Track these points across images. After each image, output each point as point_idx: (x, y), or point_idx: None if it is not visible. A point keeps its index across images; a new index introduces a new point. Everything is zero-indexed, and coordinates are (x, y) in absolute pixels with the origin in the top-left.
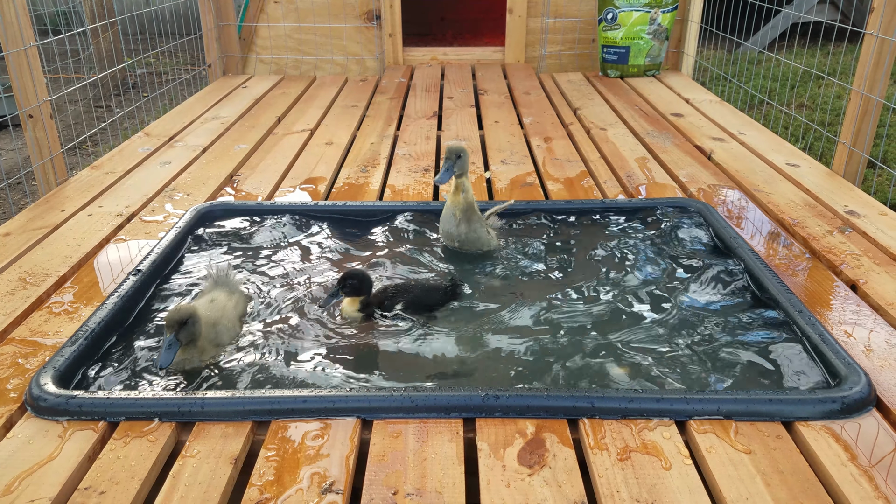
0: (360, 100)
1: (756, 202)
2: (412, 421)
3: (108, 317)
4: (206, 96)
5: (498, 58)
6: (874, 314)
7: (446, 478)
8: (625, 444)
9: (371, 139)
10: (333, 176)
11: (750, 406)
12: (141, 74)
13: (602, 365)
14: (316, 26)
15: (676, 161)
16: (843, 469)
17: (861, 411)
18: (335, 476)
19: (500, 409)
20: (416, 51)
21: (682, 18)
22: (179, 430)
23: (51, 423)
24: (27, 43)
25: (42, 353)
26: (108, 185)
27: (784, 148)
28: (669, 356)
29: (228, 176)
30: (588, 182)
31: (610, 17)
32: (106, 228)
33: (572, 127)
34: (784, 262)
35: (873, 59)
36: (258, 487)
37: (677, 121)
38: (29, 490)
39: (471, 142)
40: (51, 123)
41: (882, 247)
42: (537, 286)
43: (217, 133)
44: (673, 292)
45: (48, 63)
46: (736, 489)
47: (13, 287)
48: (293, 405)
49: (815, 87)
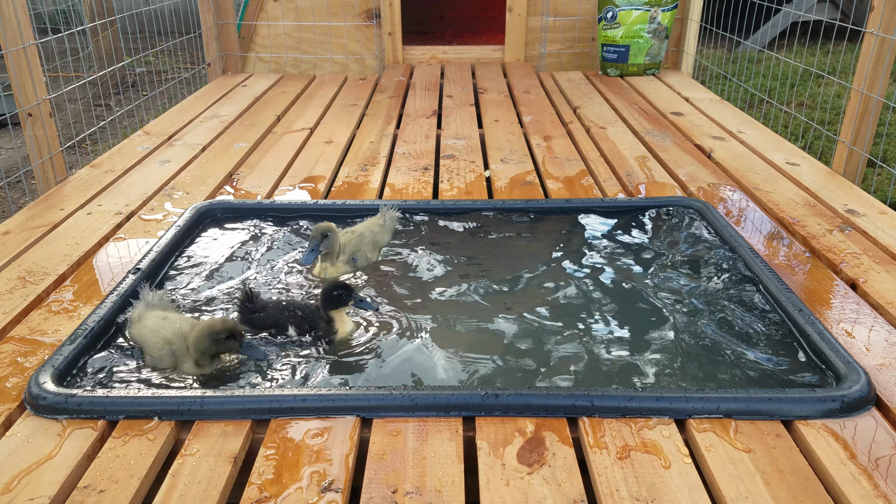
0: (360, 98)
1: (756, 201)
2: (412, 419)
3: (108, 315)
4: (205, 95)
5: (497, 56)
6: (874, 313)
7: (446, 476)
8: (624, 443)
9: (370, 138)
10: (333, 175)
11: (749, 405)
12: (140, 73)
13: (602, 363)
14: (315, 25)
15: (676, 160)
16: (843, 468)
17: (860, 410)
18: (335, 475)
19: (499, 407)
20: (415, 49)
21: (682, 17)
22: (179, 428)
23: (50, 421)
24: (26, 41)
25: (41, 351)
26: (108, 184)
27: (784, 147)
28: (669, 355)
29: (228, 175)
30: (588, 181)
31: (610, 16)
32: (105, 227)
33: (572, 126)
34: (784, 260)
35: (873, 57)
36: (257, 486)
37: (677, 119)
38: (28, 488)
39: (470, 140)
40: (50, 122)
41: (882, 246)
42: (536, 285)
43: (216, 132)
44: (672, 291)
45: (47, 62)
46: (735, 488)
47: (12, 285)
48: (292, 404)
49: (815, 85)
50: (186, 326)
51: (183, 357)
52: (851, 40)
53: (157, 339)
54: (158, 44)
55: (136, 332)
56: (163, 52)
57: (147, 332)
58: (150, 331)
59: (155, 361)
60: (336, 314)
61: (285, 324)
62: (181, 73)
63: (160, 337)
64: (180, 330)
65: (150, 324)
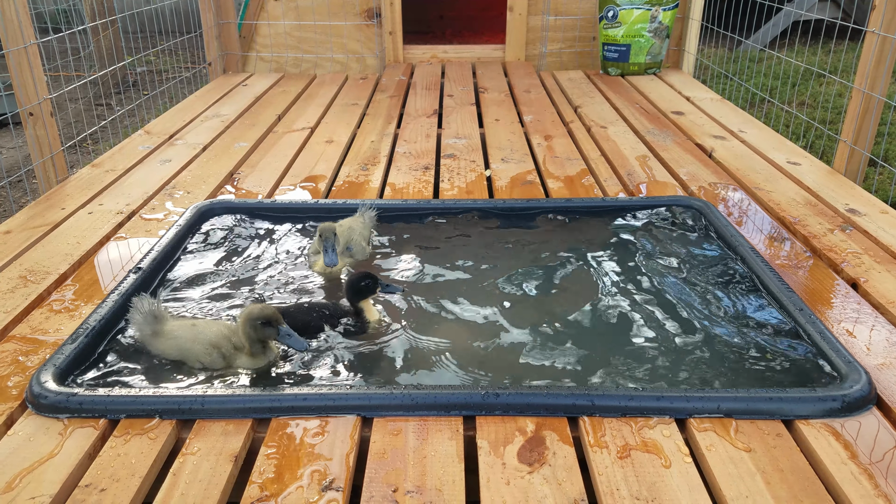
0: (361, 98)
1: (757, 200)
2: (412, 419)
3: (109, 315)
4: (206, 94)
5: (498, 55)
6: (875, 313)
7: (446, 475)
8: (625, 442)
9: (371, 137)
10: (334, 174)
11: (750, 404)
12: (141, 72)
13: (602, 363)
14: (316, 24)
15: (677, 159)
16: (844, 467)
17: (861, 410)
18: (335, 473)
19: (500, 406)
20: (416, 49)
21: (683, 16)
22: (180, 427)
23: (51, 420)
24: (27, 41)
25: (43, 350)
26: (109, 183)
27: (785, 146)
28: (669, 354)
29: (229, 174)
30: (588, 180)
31: (611, 15)
32: (106, 226)
33: (573, 125)
34: (785, 260)
35: (875, 56)
36: (258, 485)
37: (678, 119)
38: (30, 487)
39: (471, 140)
40: (51, 121)
41: (883, 245)
42: (536, 283)
43: (217, 131)
44: (673, 291)
45: (48, 61)
46: (736, 487)
47: (14, 285)
48: (293, 403)
49: (817, 85)
50: (217, 326)
51: (233, 355)
52: (853, 39)
53: (202, 346)
54: (159, 43)
55: (166, 346)
56: (163, 52)
57: (184, 342)
58: (189, 341)
59: (206, 366)
60: (364, 304)
61: (319, 324)
62: (182, 73)
63: (204, 344)
64: (219, 331)
65: (182, 334)
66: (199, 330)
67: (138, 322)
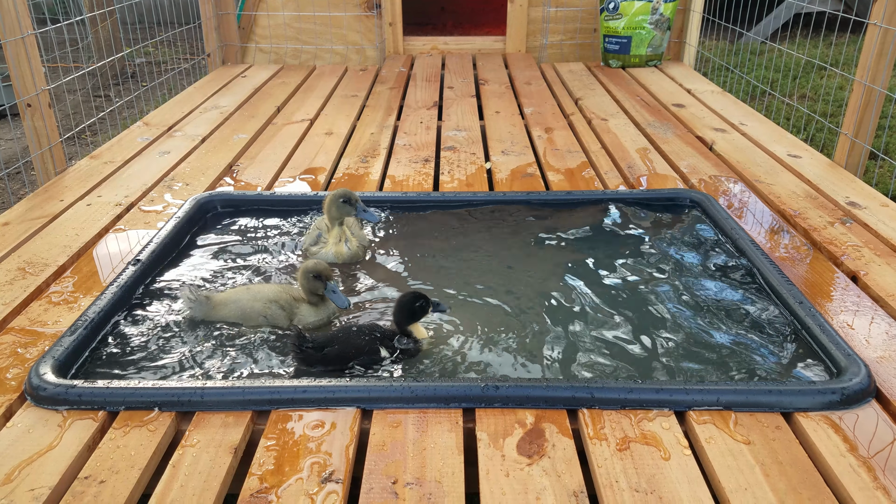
0: (360, 89)
1: (757, 193)
2: (412, 411)
3: (108, 306)
4: (205, 86)
5: (499, 47)
6: (875, 305)
7: (446, 467)
8: (624, 435)
9: (371, 129)
10: (333, 166)
11: (749, 397)
12: (140, 64)
13: (602, 355)
14: (315, 15)
15: (678, 152)
16: (842, 460)
17: (860, 402)
18: (335, 465)
19: (499, 399)
20: (416, 40)
21: (684, 8)
22: (179, 419)
23: (50, 412)
24: (25, 32)
25: (41, 342)
26: (107, 175)
27: (786, 139)
28: (668, 346)
29: (228, 166)
30: (589, 173)
31: (612, 7)
32: (105, 218)
33: (573, 117)
34: (785, 253)
35: (876, 49)
36: (258, 477)
37: (679, 111)
38: (29, 479)
39: (471, 132)
40: (49, 113)
41: (883, 238)
42: (536, 276)
43: (216, 123)
44: (673, 283)
45: (47, 52)
46: (735, 479)
47: (12, 276)
48: (293, 395)
49: (818, 77)
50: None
51: (293, 307)
52: (854, 32)
53: (262, 303)
54: (158, 34)
55: (227, 312)
56: (162, 43)
57: (245, 303)
58: (249, 300)
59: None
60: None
61: (374, 347)
62: (181, 64)
63: (264, 301)
64: (273, 289)
65: (241, 297)
66: (256, 290)
67: (193, 309)
